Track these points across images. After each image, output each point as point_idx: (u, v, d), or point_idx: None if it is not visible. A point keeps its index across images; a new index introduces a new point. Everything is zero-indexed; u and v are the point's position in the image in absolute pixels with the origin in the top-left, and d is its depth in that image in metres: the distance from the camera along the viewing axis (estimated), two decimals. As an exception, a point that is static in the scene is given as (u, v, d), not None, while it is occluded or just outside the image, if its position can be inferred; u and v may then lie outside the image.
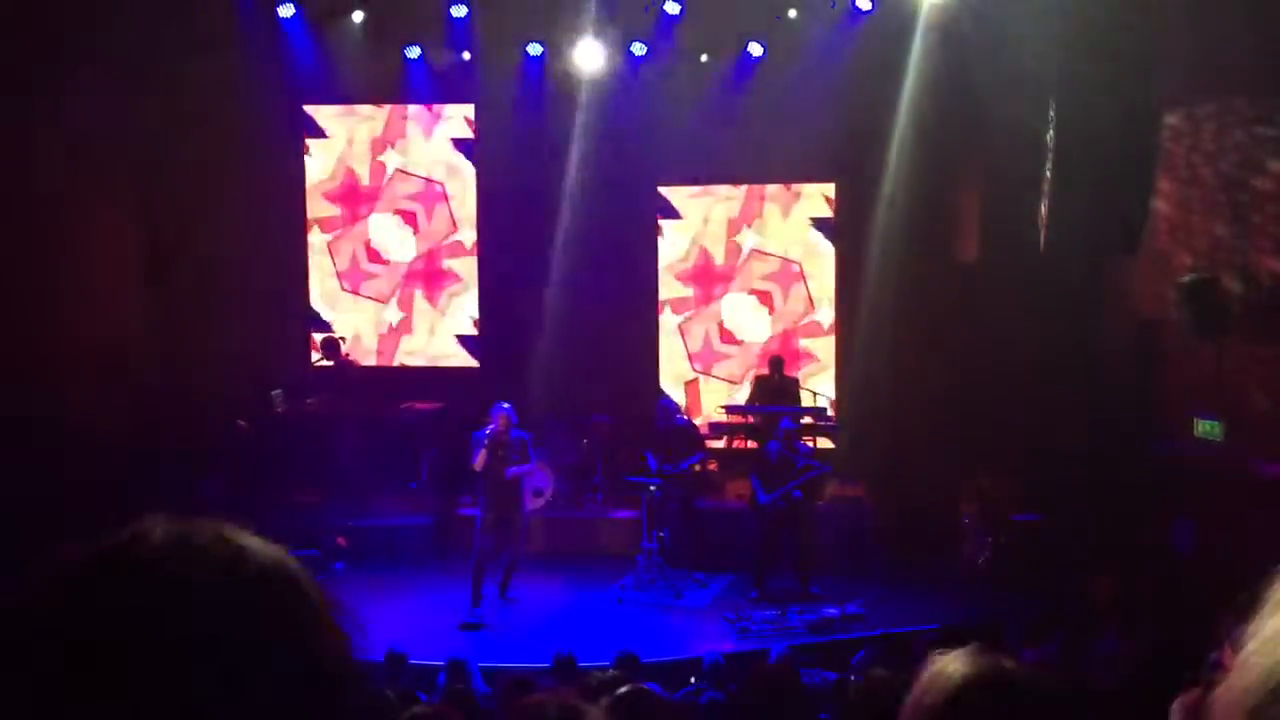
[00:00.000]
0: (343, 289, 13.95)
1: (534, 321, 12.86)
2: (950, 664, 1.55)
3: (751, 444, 12.30)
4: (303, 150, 13.77)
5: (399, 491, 12.35)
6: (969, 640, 1.61)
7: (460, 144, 13.76)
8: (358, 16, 12.73)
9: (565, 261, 12.87)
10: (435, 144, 13.81)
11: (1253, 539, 7.60)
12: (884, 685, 6.18)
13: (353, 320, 13.90)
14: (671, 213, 13.50)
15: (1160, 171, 9.96)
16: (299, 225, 13.80)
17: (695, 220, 13.50)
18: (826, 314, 13.33)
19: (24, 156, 10.64)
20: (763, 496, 10.41)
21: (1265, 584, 1.02)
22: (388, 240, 13.90)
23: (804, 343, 13.39)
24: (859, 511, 11.50)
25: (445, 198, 13.83)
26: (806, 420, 12.39)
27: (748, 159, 12.96)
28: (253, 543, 0.88)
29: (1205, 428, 9.17)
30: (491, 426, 9.65)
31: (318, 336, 13.55)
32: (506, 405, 9.81)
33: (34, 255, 10.80)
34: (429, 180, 13.84)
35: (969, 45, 11.27)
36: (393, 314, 13.95)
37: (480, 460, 9.61)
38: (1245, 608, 1.01)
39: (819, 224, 13.31)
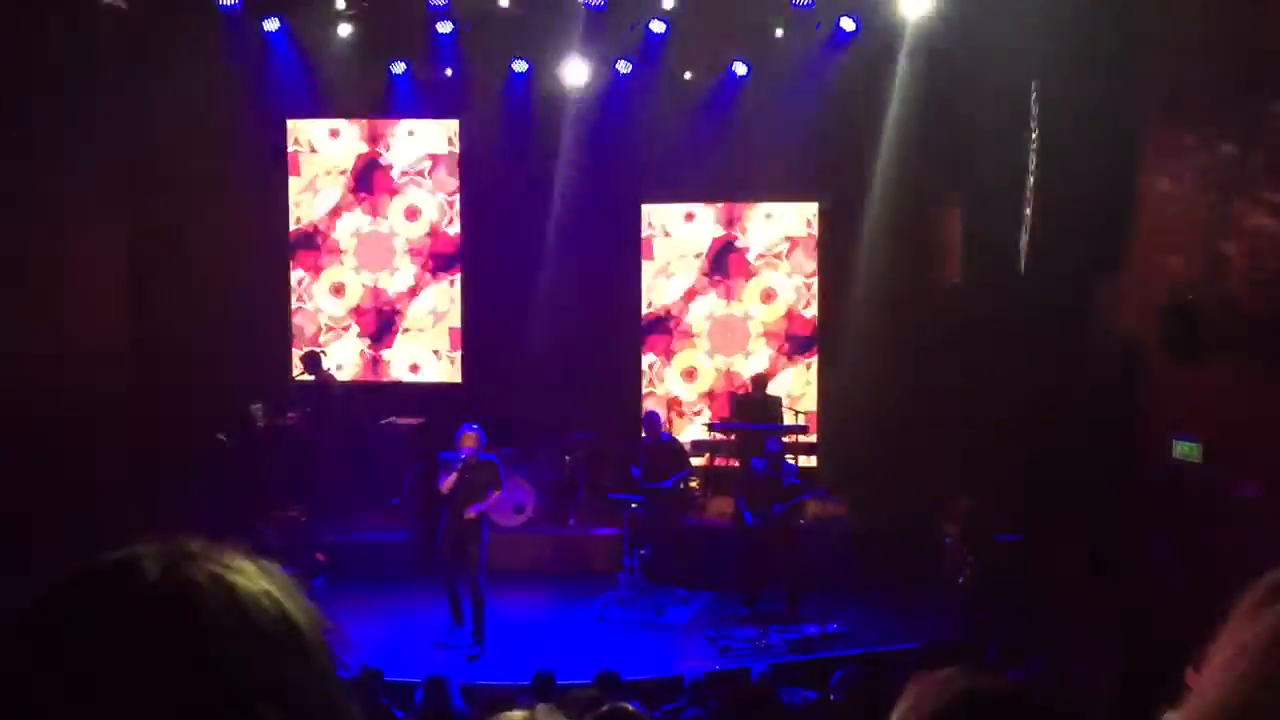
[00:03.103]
0: (325, 303, 13.91)
1: (517, 337, 12.85)
2: (938, 683, 1.55)
3: (734, 462, 12.31)
4: (286, 163, 13.75)
5: (380, 507, 12.29)
6: (951, 660, 1.61)
7: (445, 160, 13.76)
8: (344, 31, 12.73)
9: (549, 278, 12.88)
10: (419, 159, 13.81)
11: (1229, 559, 7.63)
12: (866, 705, 6.19)
13: (334, 334, 13.86)
14: (656, 230, 13.53)
15: (1142, 195, 10.03)
16: (281, 238, 13.77)
17: (679, 237, 13.53)
18: (809, 331, 13.37)
19: (15, 164, 10.61)
20: (749, 517, 10.39)
21: (1231, 605, 1.02)
22: (370, 255, 13.87)
23: (786, 361, 13.42)
24: (840, 530, 11.51)
25: (429, 213, 13.82)
26: (788, 439, 12.41)
27: (732, 177, 13.02)
28: (244, 580, 0.87)
29: (1184, 449, 9.22)
30: (463, 452, 9.43)
31: (298, 350, 13.50)
32: (475, 426, 9.59)
33: (8, 267, 10.75)
34: (412, 195, 13.83)
35: (952, 66, 11.36)
36: (375, 328, 13.91)
37: (448, 484, 9.41)
38: (1211, 628, 1.02)
39: (802, 243, 13.36)
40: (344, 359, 13.78)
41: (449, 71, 13.11)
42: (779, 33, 12.35)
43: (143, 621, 0.82)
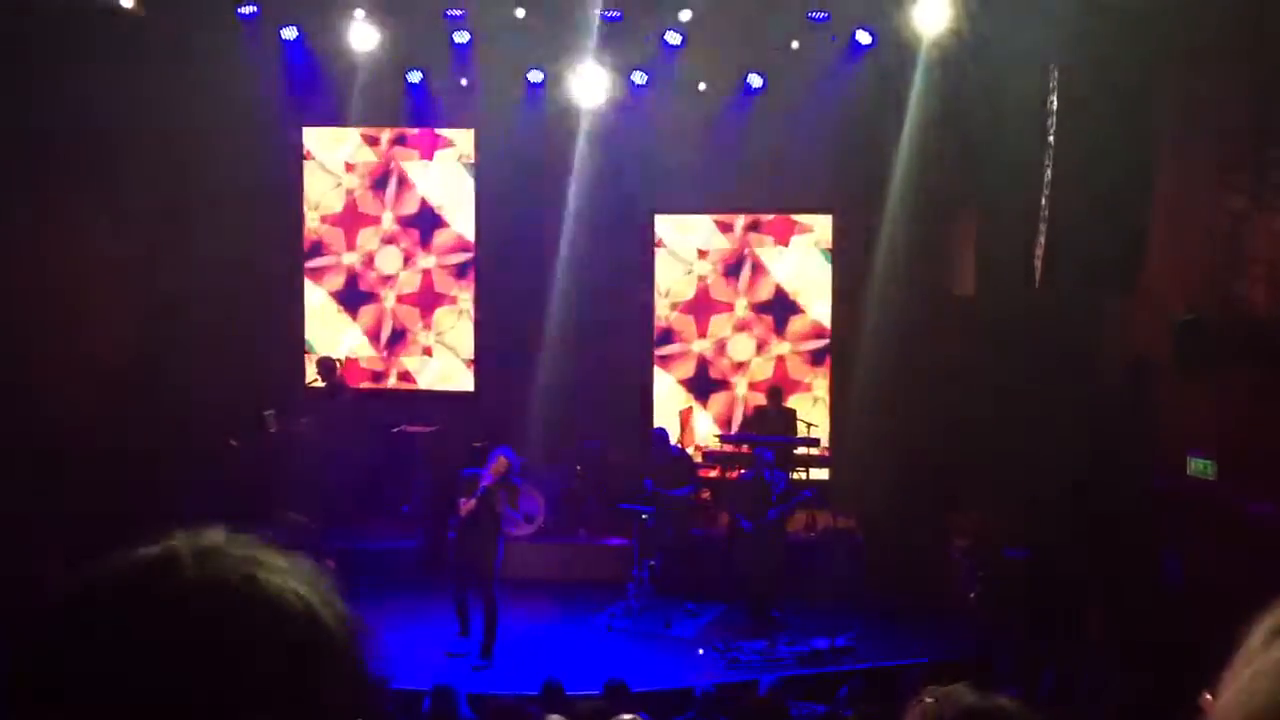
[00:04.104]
0: (339, 311, 13.95)
1: (530, 347, 12.86)
2: (943, 701, 1.54)
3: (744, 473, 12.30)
4: (301, 171, 13.80)
5: (390, 514, 12.29)
6: (959, 675, 1.60)
7: (460, 169, 13.80)
8: (361, 40, 12.75)
9: (562, 288, 12.89)
10: (434, 168, 13.85)
11: (1243, 576, 7.58)
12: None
13: (348, 342, 13.89)
14: (669, 241, 13.54)
15: (1157, 209, 10.00)
16: (296, 246, 13.82)
17: (692, 249, 13.53)
18: (822, 345, 13.36)
19: (27, 168, 10.66)
20: (745, 524, 10.43)
21: (1247, 628, 1.01)
22: (385, 263, 13.91)
23: (800, 374, 13.40)
24: (850, 544, 11.48)
25: (444, 222, 13.86)
26: (800, 451, 12.39)
27: (746, 189, 13.03)
28: (275, 579, 0.89)
29: (1198, 466, 9.17)
30: (486, 479, 9.40)
31: (312, 357, 13.53)
32: (509, 452, 9.54)
33: (24, 270, 10.80)
34: (427, 204, 13.87)
35: (968, 80, 11.34)
36: (388, 337, 13.94)
37: (467, 509, 9.36)
38: (1226, 652, 1.01)
39: (816, 255, 13.35)
40: (357, 366, 13.80)
41: (465, 81, 13.14)
42: (794, 45, 12.36)
43: (176, 619, 0.83)
